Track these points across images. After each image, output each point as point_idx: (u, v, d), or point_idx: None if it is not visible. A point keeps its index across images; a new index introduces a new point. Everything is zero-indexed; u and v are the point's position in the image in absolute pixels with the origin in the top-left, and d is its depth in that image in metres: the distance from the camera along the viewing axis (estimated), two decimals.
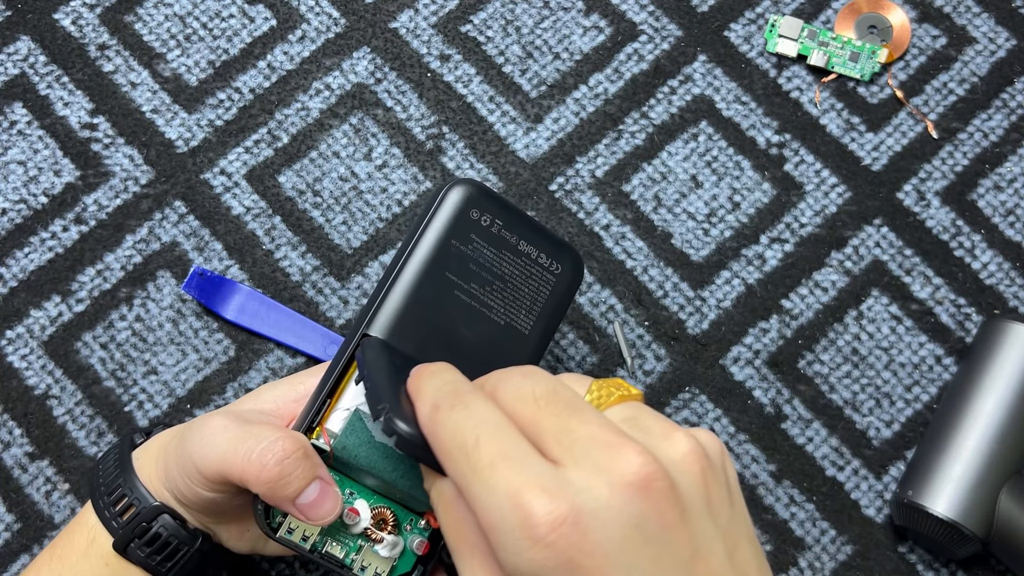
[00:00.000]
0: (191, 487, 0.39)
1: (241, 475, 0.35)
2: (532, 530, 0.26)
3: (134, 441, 0.44)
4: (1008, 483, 0.46)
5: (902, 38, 0.57)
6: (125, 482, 0.41)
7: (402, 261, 0.39)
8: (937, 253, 0.54)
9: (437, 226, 0.40)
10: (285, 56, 0.57)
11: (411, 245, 0.39)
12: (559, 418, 0.29)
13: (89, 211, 0.55)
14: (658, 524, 0.27)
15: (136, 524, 0.40)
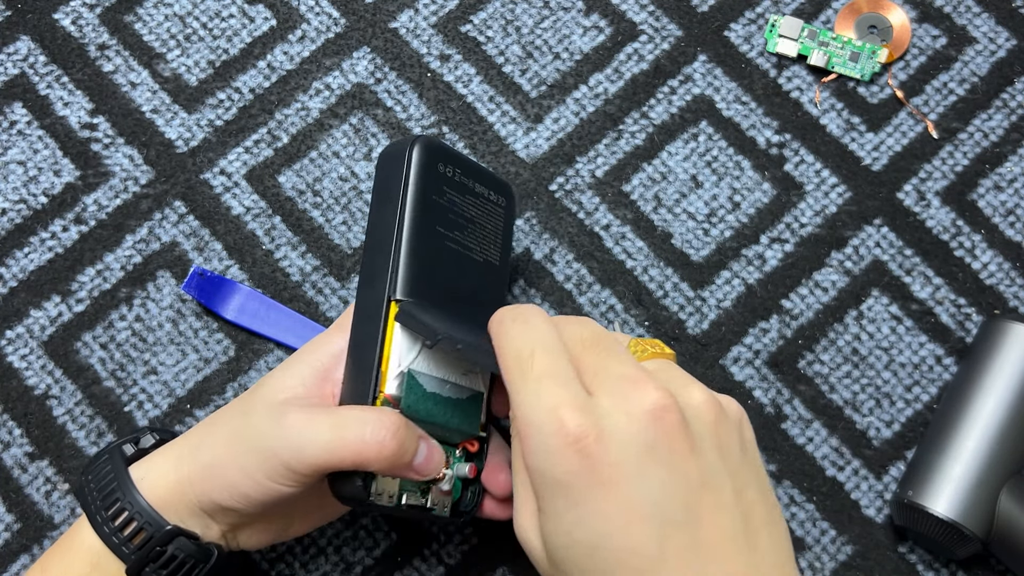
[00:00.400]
0: (265, 489, 0.38)
1: (358, 458, 0.37)
2: (564, 437, 0.31)
3: (125, 453, 0.42)
4: (1008, 483, 0.46)
5: (902, 38, 0.57)
6: (129, 502, 0.40)
7: (399, 222, 0.41)
8: (937, 253, 0.54)
9: (419, 185, 0.42)
10: (285, 56, 0.58)
11: (401, 207, 0.41)
12: (599, 357, 0.34)
13: (89, 211, 0.55)
14: (668, 449, 0.31)
15: (150, 548, 0.39)
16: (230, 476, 0.39)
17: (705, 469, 0.32)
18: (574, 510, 0.31)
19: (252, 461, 0.38)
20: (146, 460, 0.42)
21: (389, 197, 0.42)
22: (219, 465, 0.39)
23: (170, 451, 0.42)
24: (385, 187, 0.42)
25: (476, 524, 0.50)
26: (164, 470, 0.41)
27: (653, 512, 0.31)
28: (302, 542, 0.50)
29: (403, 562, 0.49)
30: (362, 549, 0.50)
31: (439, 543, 0.50)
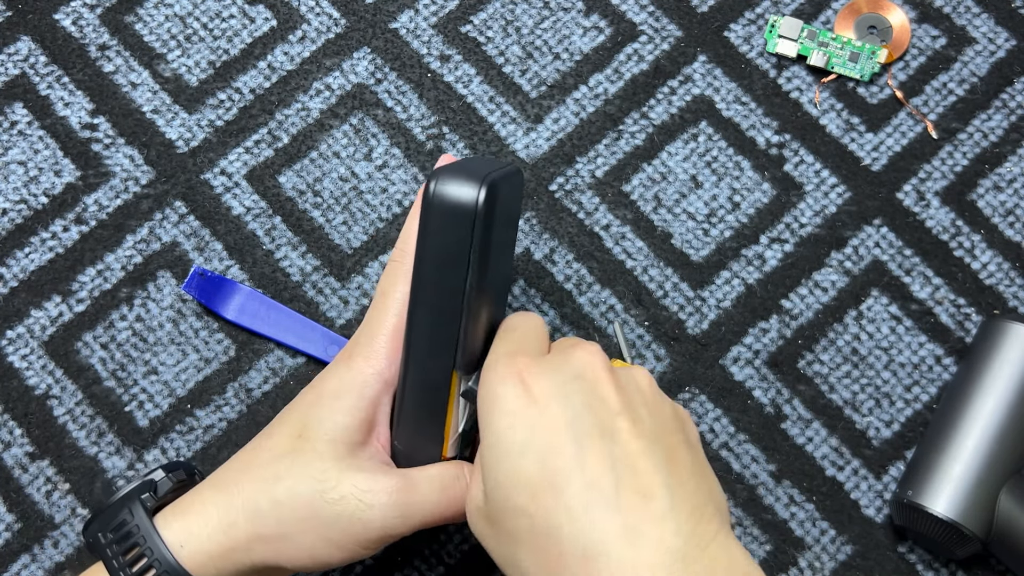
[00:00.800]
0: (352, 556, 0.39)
1: (460, 513, 0.40)
2: (510, 368, 0.36)
3: (147, 507, 0.40)
4: (1008, 483, 0.46)
5: (902, 38, 0.57)
6: (163, 567, 0.38)
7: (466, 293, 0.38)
8: (937, 253, 0.54)
9: (484, 245, 0.38)
10: (285, 56, 0.58)
11: (468, 274, 0.38)
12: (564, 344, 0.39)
13: (89, 211, 0.55)
14: (593, 381, 0.35)
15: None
16: (309, 547, 0.38)
17: (627, 403, 0.35)
18: (508, 419, 0.35)
19: (343, 536, 0.38)
20: (179, 518, 0.40)
21: (452, 260, 0.37)
22: (294, 536, 0.38)
23: (213, 511, 0.39)
24: (444, 244, 0.37)
25: None
26: (207, 534, 0.39)
27: (574, 424, 0.34)
28: None
29: (403, 562, 0.50)
30: None
31: (439, 543, 0.50)
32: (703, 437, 0.51)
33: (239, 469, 0.40)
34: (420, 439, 0.40)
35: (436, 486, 0.40)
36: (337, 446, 0.39)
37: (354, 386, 0.41)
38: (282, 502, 0.38)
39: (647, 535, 0.32)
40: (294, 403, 0.43)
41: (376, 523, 0.38)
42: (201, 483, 0.41)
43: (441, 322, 0.38)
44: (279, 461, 0.40)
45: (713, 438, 0.51)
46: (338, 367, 0.42)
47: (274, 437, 0.41)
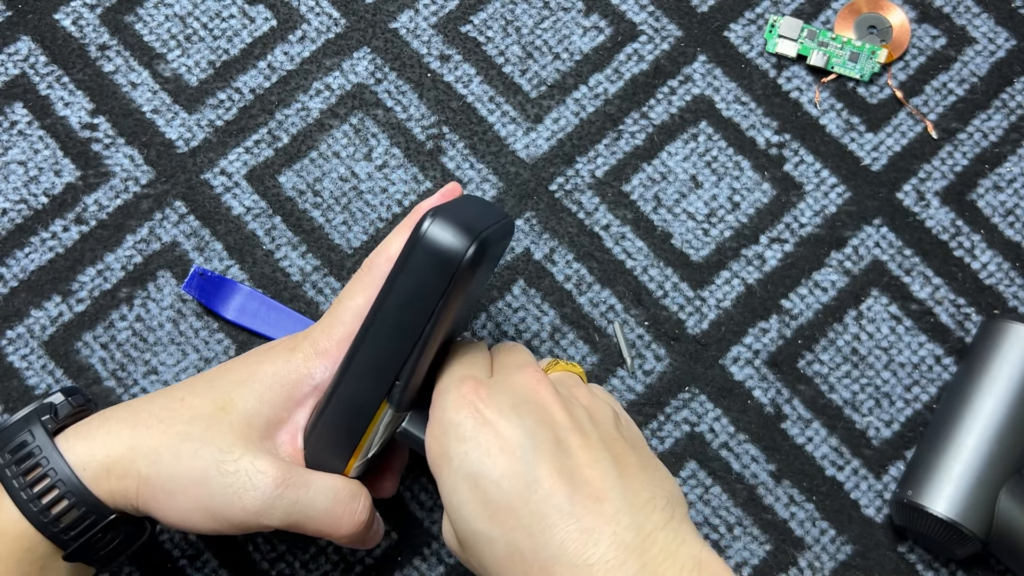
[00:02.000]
0: (225, 530, 0.40)
1: (338, 531, 0.41)
2: (459, 392, 0.38)
3: (48, 429, 0.40)
4: (1008, 483, 0.46)
5: (902, 38, 0.57)
6: (68, 487, 0.38)
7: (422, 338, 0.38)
8: (937, 253, 0.54)
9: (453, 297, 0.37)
10: (285, 56, 0.58)
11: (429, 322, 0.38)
12: (506, 357, 0.41)
13: (89, 211, 0.55)
14: (540, 403, 0.37)
15: (92, 535, 0.39)
16: (184, 509, 0.39)
17: (575, 420, 0.37)
18: (460, 447, 0.36)
19: (220, 509, 0.39)
20: (82, 441, 0.40)
21: (420, 302, 0.37)
22: (176, 495, 0.39)
23: (118, 443, 0.40)
24: (418, 284, 0.37)
25: None
26: (110, 463, 0.39)
27: (525, 444, 0.36)
28: (302, 542, 0.50)
29: (403, 562, 0.50)
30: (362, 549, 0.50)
31: (439, 543, 0.50)
32: (703, 437, 0.51)
33: (155, 414, 0.41)
34: (328, 452, 0.41)
35: (329, 496, 0.41)
36: (252, 429, 0.41)
37: (287, 382, 0.42)
38: (182, 460, 0.40)
39: (601, 533, 0.34)
40: (223, 370, 0.43)
41: (253, 505, 0.39)
42: (109, 412, 0.41)
43: (388, 353, 0.38)
44: (195, 422, 0.41)
45: (713, 438, 0.51)
46: (278, 354, 0.43)
47: (197, 396, 0.42)
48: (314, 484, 0.41)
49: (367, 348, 0.39)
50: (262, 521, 0.40)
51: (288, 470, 0.40)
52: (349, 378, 0.39)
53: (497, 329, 0.53)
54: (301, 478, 0.40)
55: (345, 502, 0.41)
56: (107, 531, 0.40)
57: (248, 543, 0.50)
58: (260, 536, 0.50)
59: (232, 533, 0.41)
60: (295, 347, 0.43)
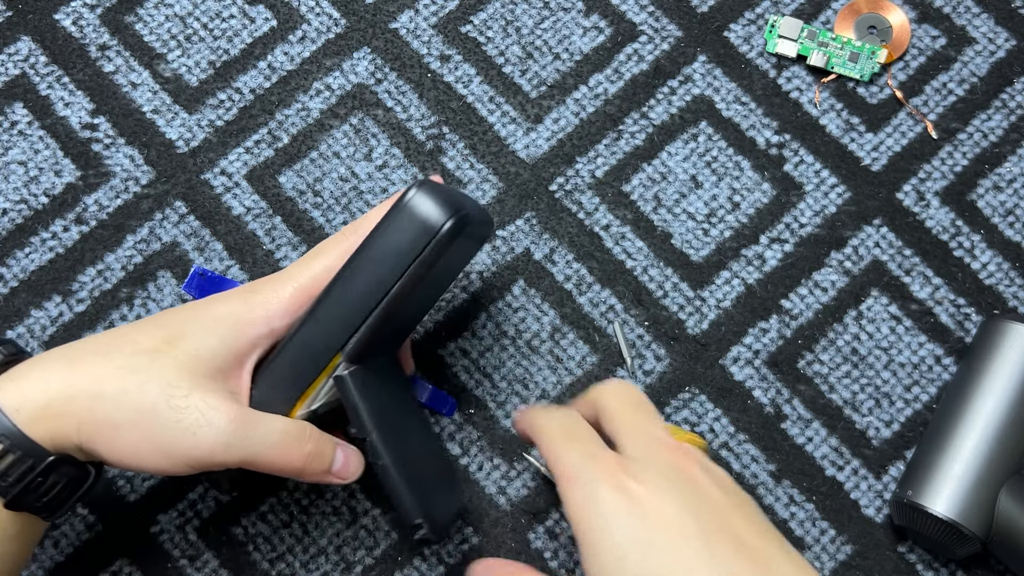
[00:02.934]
0: (174, 469, 0.39)
1: (290, 466, 0.41)
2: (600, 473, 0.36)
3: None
4: (1008, 483, 0.46)
5: (902, 38, 0.57)
6: (3, 432, 0.37)
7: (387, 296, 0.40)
8: (937, 253, 0.54)
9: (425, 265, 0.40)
10: (285, 56, 0.58)
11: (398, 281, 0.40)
12: (642, 419, 0.40)
13: (90, 211, 0.55)
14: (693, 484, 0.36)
15: (31, 480, 0.38)
16: (134, 444, 0.38)
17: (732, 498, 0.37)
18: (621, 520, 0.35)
19: (172, 445, 0.38)
20: (13, 382, 0.39)
21: (394, 261, 0.40)
22: (125, 430, 0.38)
23: (55, 380, 0.39)
24: (395, 244, 0.40)
25: (476, 523, 0.50)
26: (45, 401, 0.38)
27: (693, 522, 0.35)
28: (302, 542, 0.50)
29: (403, 562, 0.50)
30: (362, 549, 0.50)
31: (439, 542, 0.50)
32: (703, 437, 0.51)
33: (93, 351, 0.40)
34: (276, 394, 0.42)
35: (277, 435, 0.41)
36: (199, 363, 0.40)
37: (240, 321, 0.41)
38: (127, 392, 0.39)
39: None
40: (173, 311, 0.43)
41: (206, 442, 0.39)
42: (43, 355, 0.40)
43: (353, 305, 0.40)
44: (138, 355, 0.40)
45: (713, 438, 0.51)
46: (233, 298, 0.42)
47: (142, 333, 0.41)
48: (263, 423, 0.40)
49: (335, 296, 0.40)
50: (216, 458, 0.39)
51: (240, 408, 0.40)
52: (312, 323, 0.41)
53: (497, 329, 0.53)
54: (252, 416, 0.40)
55: (292, 442, 0.41)
56: (47, 475, 0.38)
57: (248, 543, 0.50)
58: (260, 536, 0.50)
59: (181, 473, 0.40)
60: (254, 290, 0.42)
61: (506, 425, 0.52)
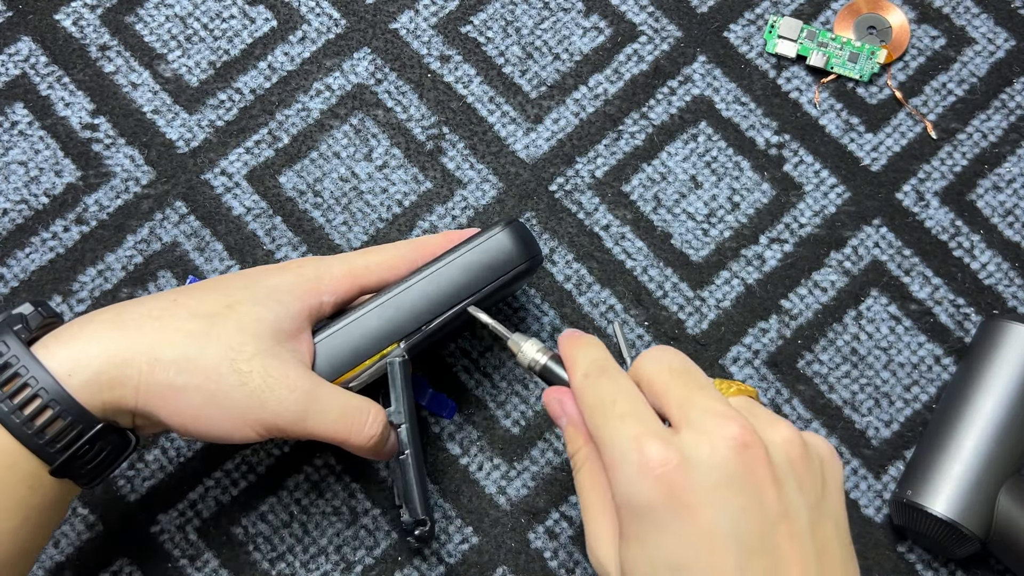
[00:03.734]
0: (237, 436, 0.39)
1: (349, 441, 0.41)
2: (646, 465, 0.32)
3: (19, 335, 0.37)
4: (1007, 483, 0.46)
5: (901, 39, 0.57)
6: (51, 395, 0.36)
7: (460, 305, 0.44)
8: (936, 253, 0.54)
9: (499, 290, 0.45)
10: (286, 57, 0.58)
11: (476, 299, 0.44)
12: (687, 388, 0.35)
13: (90, 211, 0.55)
14: (750, 481, 0.32)
15: (79, 448, 0.37)
16: (198, 406, 0.38)
17: (785, 500, 0.33)
18: (657, 535, 0.32)
19: (237, 408, 0.38)
20: (63, 346, 0.37)
21: (477, 274, 0.44)
22: (188, 392, 0.38)
23: (109, 344, 0.38)
24: (482, 262, 0.44)
25: (476, 523, 0.50)
26: (98, 366, 0.37)
27: (733, 538, 0.32)
28: (302, 542, 0.50)
29: (403, 562, 0.50)
30: (362, 548, 0.50)
31: (439, 543, 0.50)
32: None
33: (146, 315, 0.39)
34: (326, 361, 0.43)
35: (338, 409, 0.41)
36: (262, 325, 0.40)
37: (299, 289, 0.42)
38: (189, 357, 0.38)
39: None
40: (225, 279, 0.42)
41: (271, 408, 0.39)
42: (90, 316, 0.39)
43: (429, 303, 0.43)
44: (197, 319, 0.39)
45: None
46: (284, 271, 0.43)
47: (197, 298, 0.40)
48: (325, 396, 0.40)
49: (413, 290, 0.43)
50: (279, 425, 0.39)
51: (301, 380, 0.40)
52: (383, 307, 0.43)
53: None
54: (314, 388, 0.40)
55: (353, 416, 0.41)
56: (94, 442, 0.38)
57: (248, 543, 0.50)
58: (260, 536, 0.50)
59: (248, 439, 0.39)
60: (303, 265, 0.43)
61: (506, 425, 0.52)
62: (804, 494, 0.33)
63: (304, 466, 0.51)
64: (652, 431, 0.33)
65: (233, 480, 0.51)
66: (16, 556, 0.38)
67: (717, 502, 0.32)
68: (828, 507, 0.34)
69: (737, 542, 0.32)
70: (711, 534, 0.32)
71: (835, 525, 0.34)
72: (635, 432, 0.33)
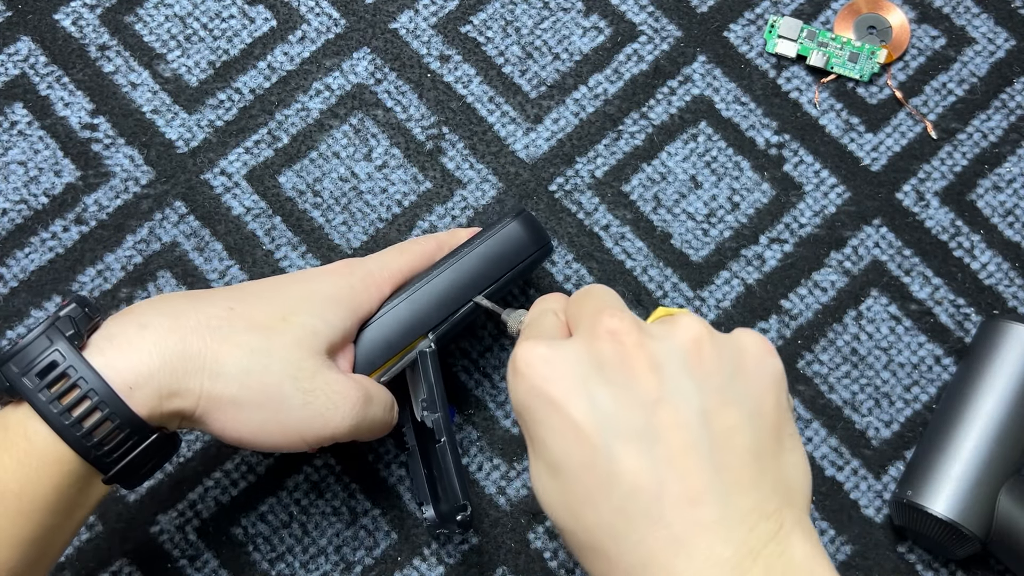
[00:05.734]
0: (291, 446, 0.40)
1: (386, 431, 0.44)
2: (516, 368, 0.33)
3: (72, 342, 0.36)
4: (1007, 483, 0.46)
5: (901, 39, 0.57)
6: (112, 410, 0.36)
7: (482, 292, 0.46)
8: (936, 253, 0.54)
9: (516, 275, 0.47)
10: (285, 57, 0.58)
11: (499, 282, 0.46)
12: (581, 305, 0.35)
13: (89, 211, 0.55)
14: (620, 367, 0.31)
15: (132, 455, 0.37)
16: (258, 422, 0.38)
17: (665, 386, 0.31)
18: (538, 437, 0.32)
19: (298, 426, 0.39)
20: (121, 356, 0.37)
21: (495, 263, 0.46)
22: (248, 408, 0.38)
23: (169, 355, 0.37)
24: (498, 251, 0.46)
25: (476, 523, 0.50)
26: (159, 380, 0.37)
27: (604, 428, 0.30)
28: (302, 542, 0.50)
29: (403, 562, 0.50)
30: (362, 549, 0.50)
31: (439, 543, 0.50)
32: None
33: (204, 324, 0.39)
34: (370, 355, 0.45)
35: (385, 405, 0.43)
36: (317, 339, 0.40)
37: (348, 304, 0.43)
38: (251, 372, 0.38)
39: (695, 547, 0.29)
40: (276, 285, 0.42)
41: (332, 423, 0.40)
42: (144, 317, 0.38)
43: (453, 294, 0.45)
44: (255, 332, 0.39)
45: None
46: (334, 277, 0.43)
47: (252, 307, 0.40)
48: (375, 397, 0.42)
49: (437, 283, 0.45)
50: (337, 437, 0.41)
51: (357, 390, 0.41)
52: (410, 301, 0.45)
53: (497, 329, 0.53)
54: (367, 393, 0.42)
55: (391, 408, 0.44)
56: (148, 450, 0.38)
57: (248, 543, 0.50)
58: (260, 536, 0.50)
59: (295, 450, 0.41)
60: (351, 272, 0.44)
61: (506, 425, 0.52)
62: (695, 379, 0.31)
63: (304, 466, 0.51)
64: (532, 340, 0.33)
65: (233, 480, 0.51)
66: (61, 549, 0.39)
67: (583, 393, 0.31)
68: (736, 396, 0.31)
69: (608, 431, 0.30)
70: (580, 426, 0.30)
71: (746, 412, 0.31)
72: (524, 343, 0.33)
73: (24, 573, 0.36)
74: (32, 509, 0.36)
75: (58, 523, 0.37)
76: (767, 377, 0.32)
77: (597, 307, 0.33)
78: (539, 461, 0.32)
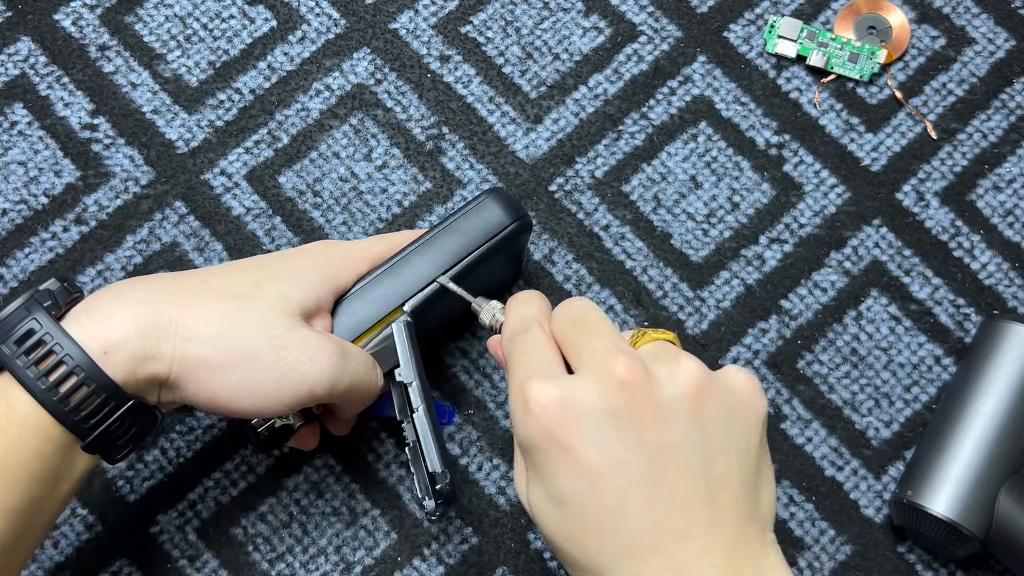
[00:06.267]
0: (270, 409, 0.40)
1: (374, 393, 0.44)
2: (527, 406, 0.34)
3: (50, 312, 0.37)
4: (1007, 483, 0.46)
5: (901, 39, 0.57)
6: (86, 373, 0.36)
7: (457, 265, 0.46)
8: (936, 253, 0.54)
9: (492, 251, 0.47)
10: (285, 57, 0.58)
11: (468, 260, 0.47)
12: (580, 335, 0.36)
13: (89, 211, 0.55)
14: (630, 416, 0.33)
15: (111, 424, 0.38)
16: (235, 384, 0.39)
17: (669, 435, 0.33)
18: (544, 470, 0.34)
19: (274, 384, 0.39)
20: (97, 323, 0.38)
21: (465, 239, 0.46)
22: (225, 369, 0.39)
23: (144, 323, 0.38)
24: (468, 229, 0.46)
25: (476, 524, 0.50)
26: (134, 345, 0.38)
27: (615, 472, 0.33)
28: (302, 542, 0.50)
29: (403, 562, 0.50)
30: (362, 549, 0.50)
31: (439, 543, 0.50)
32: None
33: (177, 291, 0.40)
34: (350, 323, 0.46)
35: (364, 359, 0.43)
36: (291, 303, 0.41)
37: (324, 274, 0.43)
38: (225, 335, 0.39)
39: (688, 570, 0.32)
40: (252, 261, 0.44)
41: (310, 379, 0.40)
42: (119, 290, 0.39)
43: (426, 268, 0.46)
44: (229, 298, 0.40)
45: None
46: (311, 254, 0.45)
47: (225, 277, 0.41)
48: (353, 353, 0.42)
49: (411, 258, 0.46)
50: (316, 394, 0.40)
51: (333, 344, 0.41)
52: (386, 275, 0.46)
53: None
54: (345, 347, 0.42)
55: (372, 366, 0.44)
56: (125, 419, 0.38)
57: (248, 543, 0.50)
58: (260, 536, 0.50)
59: (272, 413, 0.41)
60: (327, 248, 0.45)
61: (506, 425, 0.52)
62: (700, 427, 0.34)
63: (304, 466, 0.51)
64: (540, 375, 0.34)
65: (233, 480, 0.51)
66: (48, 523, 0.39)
67: (596, 439, 0.33)
68: (731, 438, 0.34)
69: (618, 476, 0.33)
70: (591, 469, 0.33)
71: (738, 457, 0.34)
72: (524, 377, 0.35)
73: (10, 544, 0.37)
74: (17, 479, 0.36)
75: (43, 494, 0.38)
76: (755, 417, 0.35)
77: (605, 347, 0.35)
78: (542, 491, 0.35)
